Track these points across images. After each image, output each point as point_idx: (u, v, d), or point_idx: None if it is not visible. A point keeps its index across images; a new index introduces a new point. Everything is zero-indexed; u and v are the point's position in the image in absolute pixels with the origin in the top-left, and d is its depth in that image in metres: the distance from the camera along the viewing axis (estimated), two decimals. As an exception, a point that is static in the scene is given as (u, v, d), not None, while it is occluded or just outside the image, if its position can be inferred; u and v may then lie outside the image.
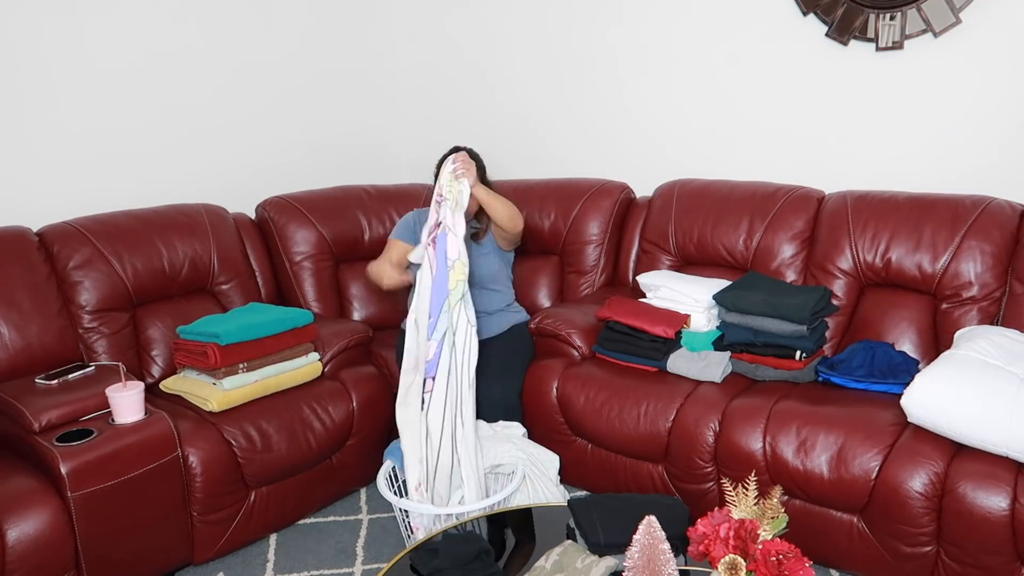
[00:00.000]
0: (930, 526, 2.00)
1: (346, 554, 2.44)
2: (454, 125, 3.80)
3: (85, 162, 2.85)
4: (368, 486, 2.79)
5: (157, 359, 2.68)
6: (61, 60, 2.74)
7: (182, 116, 3.10)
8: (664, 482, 2.47)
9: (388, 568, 1.83)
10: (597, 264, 3.17)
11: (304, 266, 3.09)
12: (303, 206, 3.14)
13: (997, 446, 1.95)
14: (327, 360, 2.70)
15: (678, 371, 2.54)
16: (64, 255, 2.55)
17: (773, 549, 1.40)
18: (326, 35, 3.57)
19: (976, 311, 2.43)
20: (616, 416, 2.49)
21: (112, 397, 2.17)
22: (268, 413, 2.45)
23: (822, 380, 2.46)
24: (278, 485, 2.48)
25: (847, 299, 2.65)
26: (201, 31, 3.11)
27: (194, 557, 2.33)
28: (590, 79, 3.38)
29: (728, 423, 2.30)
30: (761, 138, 3.04)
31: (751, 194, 2.89)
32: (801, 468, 2.16)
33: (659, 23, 3.16)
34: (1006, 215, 2.45)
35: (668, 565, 1.50)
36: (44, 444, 2.04)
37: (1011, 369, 2.05)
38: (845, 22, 2.74)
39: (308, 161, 3.57)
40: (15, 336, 2.38)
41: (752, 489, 1.51)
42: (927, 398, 2.05)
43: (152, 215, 2.80)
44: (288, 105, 3.47)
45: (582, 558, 1.74)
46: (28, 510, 1.95)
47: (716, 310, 2.67)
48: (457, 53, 3.71)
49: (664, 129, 3.26)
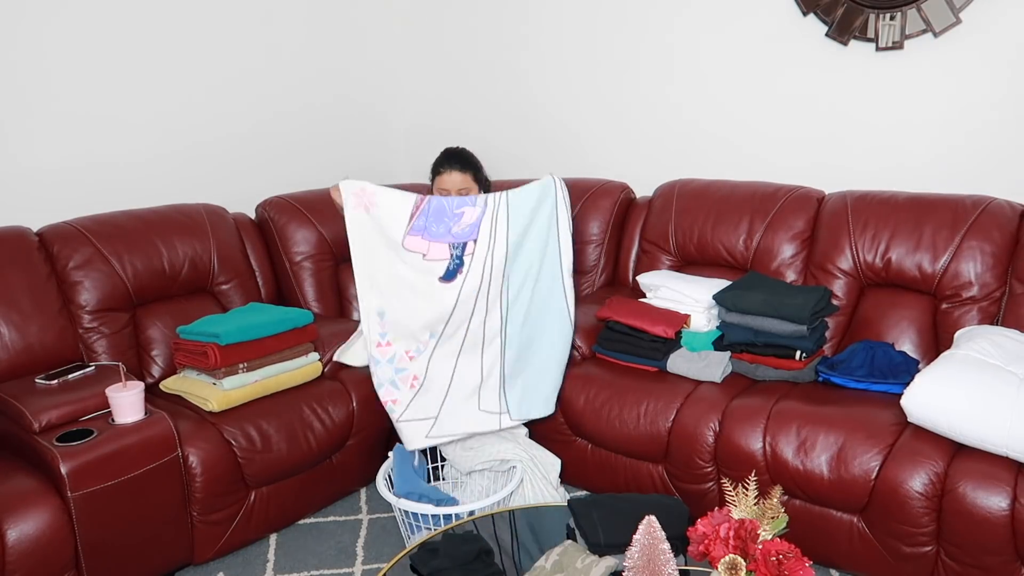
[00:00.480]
0: (930, 526, 2.00)
1: (346, 554, 2.44)
2: (454, 125, 3.80)
3: (85, 162, 2.85)
4: (368, 486, 2.79)
5: (157, 359, 2.68)
6: (61, 60, 2.74)
7: (182, 116, 3.10)
8: (664, 482, 2.47)
9: (388, 568, 1.82)
10: (597, 264, 3.18)
11: (304, 266, 3.09)
12: (303, 206, 3.14)
13: (997, 446, 1.95)
14: (327, 360, 2.70)
15: (678, 371, 2.54)
16: (64, 255, 2.55)
17: (773, 549, 1.40)
18: (326, 35, 3.57)
19: (976, 311, 2.43)
20: (616, 416, 2.49)
21: (112, 397, 2.17)
22: (268, 413, 2.45)
23: (822, 380, 2.46)
24: (278, 485, 2.48)
25: (847, 299, 2.65)
26: (201, 31, 3.11)
27: (194, 557, 2.33)
28: (590, 79, 3.38)
29: (728, 423, 2.30)
30: (761, 138, 3.04)
31: (751, 194, 2.89)
32: (801, 468, 2.16)
33: (659, 23, 3.16)
34: (1006, 215, 2.45)
35: (668, 565, 1.50)
36: (44, 444, 2.04)
37: (1011, 369, 2.05)
38: (845, 22, 2.74)
39: (308, 161, 3.57)
40: (15, 336, 2.37)
41: (752, 489, 1.51)
42: (927, 398, 2.05)
43: (152, 215, 2.80)
44: (288, 105, 3.47)
45: (582, 558, 1.74)
46: (28, 510, 1.95)
47: (716, 310, 2.67)
48: (457, 53, 3.71)
49: (664, 129, 3.26)
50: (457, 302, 2.36)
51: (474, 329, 2.39)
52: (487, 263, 2.33)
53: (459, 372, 2.43)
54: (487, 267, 2.34)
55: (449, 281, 2.33)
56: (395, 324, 2.40)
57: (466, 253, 2.33)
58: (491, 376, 2.44)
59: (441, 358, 2.43)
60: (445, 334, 2.40)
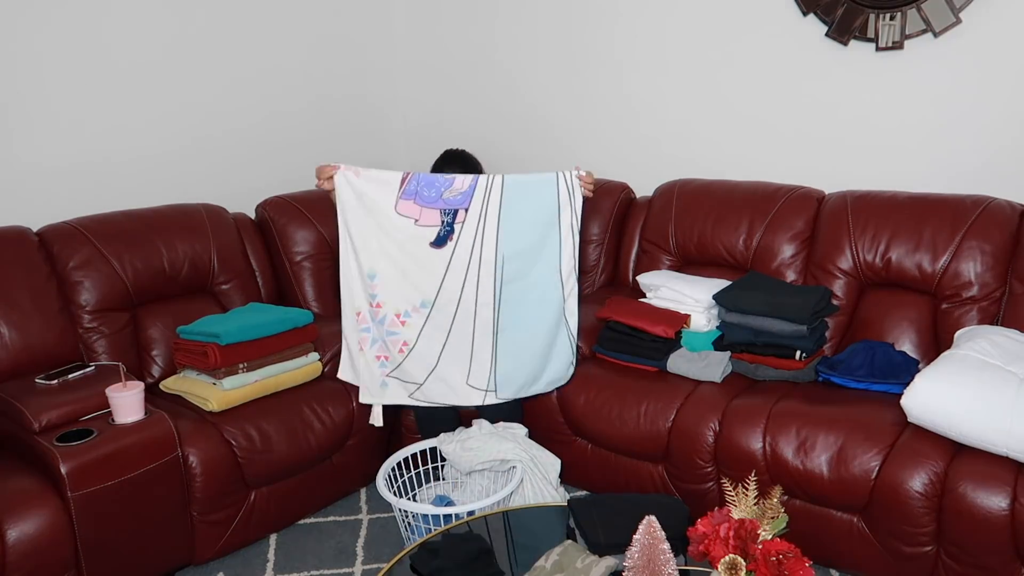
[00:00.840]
0: (930, 526, 2.00)
1: (346, 554, 2.44)
2: (454, 125, 3.80)
3: (85, 162, 2.84)
4: (368, 486, 2.79)
5: (157, 359, 2.68)
6: (61, 60, 2.74)
7: (182, 116, 3.10)
8: (664, 482, 2.47)
9: (388, 568, 1.83)
10: (597, 264, 3.18)
11: (304, 266, 3.09)
12: (303, 206, 3.14)
13: (997, 446, 1.95)
14: (327, 360, 2.70)
15: (678, 371, 2.54)
16: (64, 255, 2.55)
17: (773, 549, 1.40)
18: (326, 35, 3.57)
19: (976, 311, 2.43)
20: (616, 416, 2.49)
21: (112, 397, 2.17)
22: (268, 413, 2.45)
23: (822, 380, 2.46)
24: (278, 485, 2.48)
25: (847, 299, 2.65)
26: (202, 32, 3.11)
27: (194, 557, 2.33)
28: (590, 79, 3.38)
29: (728, 423, 2.30)
30: (761, 138, 3.04)
31: (751, 194, 2.89)
32: (801, 468, 2.16)
33: (659, 23, 3.16)
34: (1006, 215, 2.45)
35: (668, 565, 1.50)
36: (44, 444, 2.04)
37: (1011, 369, 2.05)
38: (845, 22, 2.74)
39: (308, 161, 3.56)
40: (15, 336, 2.37)
41: (752, 489, 1.51)
42: (927, 398, 2.05)
43: (152, 215, 2.80)
44: (288, 105, 3.46)
45: (582, 558, 1.74)
46: (28, 510, 1.95)
47: (716, 310, 2.67)
48: (457, 54, 3.71)
49: (664, 129, 3.26)
50: (448, 268, 2.39)
51: (466, 302, 2.41)
52: (478, 233, 2.37)
53: (449, 345, 2.46)
54: (478, 237, 2.37)
55: (439, 247, 2.37)
56: (385, 286, 2.42)
57: (456, 220, 2.36)
58: (482, 351, 2.46)
59: (432, 330, 2.45)
60: (437, 304, 2.42)
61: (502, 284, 2.41)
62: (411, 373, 2.49)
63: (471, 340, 2.45)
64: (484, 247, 2.38)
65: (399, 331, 2.45)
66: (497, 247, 2.38)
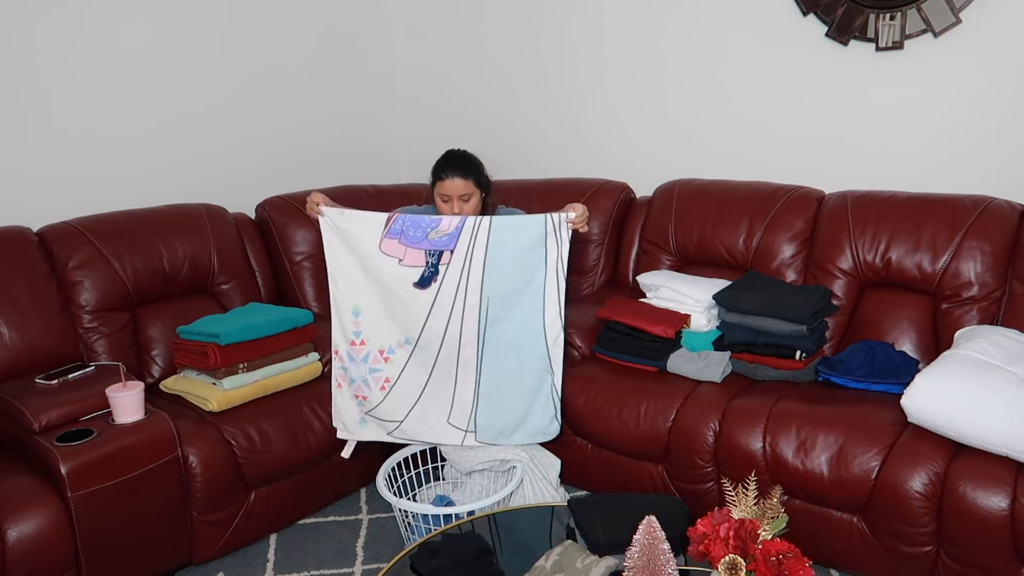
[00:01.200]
0: (930, 526, 2.00)
1: (346, 554, 2.44)
2: (454, 125, 3.80)
3: (85, 162, 2.84)
4: (368, 486, 2.79)
5: (157, 359, 2.68)
6: (61, 60, 2.74)
7: (182, 116, 3.10)
8: (664, 482, 2.47)
9: (388, 568, 1.83)
10: (597, 264, 3.18)
11: (304, 266, 3.09)
12: (303, 206, 3.13)
13: (997, 446, 1.95)
14: (327, 360, 2.70)
15: (678, 371, 2.54)
16: (64, 255, 2.55)
17: (773, 549, 1.40)
18: (326, 35, 3.57)
19: (976, 311, 2.43)
20: (616, 416, 2.49)
21: (112, 397, 2.17)
22: (268, 413, 2.45)
23: (822, 380, 2.46)
24: (278, 485, 2.48)
25: (847, 299, 2.65)
26: (201, 32, 3.11)
27: (194, 557, 2.33)
28: (590, 79, 3.38)
29: (728, 423, 2.30)
30: (761, 138, 3.04)
31: (751, 194, 2.89)
32: (801, 468, 2.16)
33: (659, 23, 3.16)
34: (1006, 215, 2.45)
35: (668, 565, 1.50)
36: (44, 444, 2.04)
37: (1011, 369, 2.05)
38: (845, 22, 2.74)
39: (308, 161, 3.57)
40: (15, 336, 2.38)
41: (752, 489, 1.51)
42: (927, 398, 2.05)
43: (152, 215, 2.80)
44: (288, 105, 3.47)
45: (582, 558, 1.74)
46: (28, 510, 1.95)
47: (716, 310, 2.67)
48: (457, 53, 3.71)
49: (664, 129, 3.26)
50: (432, 309, 2.35)
51: (449, 341, 2.38)
52: (463, 276, 2.33)
53: (432, 383, 2.42)
54: (462, 280, 2.33)
55: (423, 288, 2.34)
56: (370, 323, 2.40)
57: (442, 263, 2.32)
58: (464, 392, 2.43)
59: (415, 368, 2.42)
60: (421, 342, 2.39)
61: (486, 325, 2.37)
62: (389, 413, 2.46)
63: (454, 378, 2.41)
64: (469, 290, 2.34)
65: (382, 368, 2.43)
66: (482, 290, 2.34)
